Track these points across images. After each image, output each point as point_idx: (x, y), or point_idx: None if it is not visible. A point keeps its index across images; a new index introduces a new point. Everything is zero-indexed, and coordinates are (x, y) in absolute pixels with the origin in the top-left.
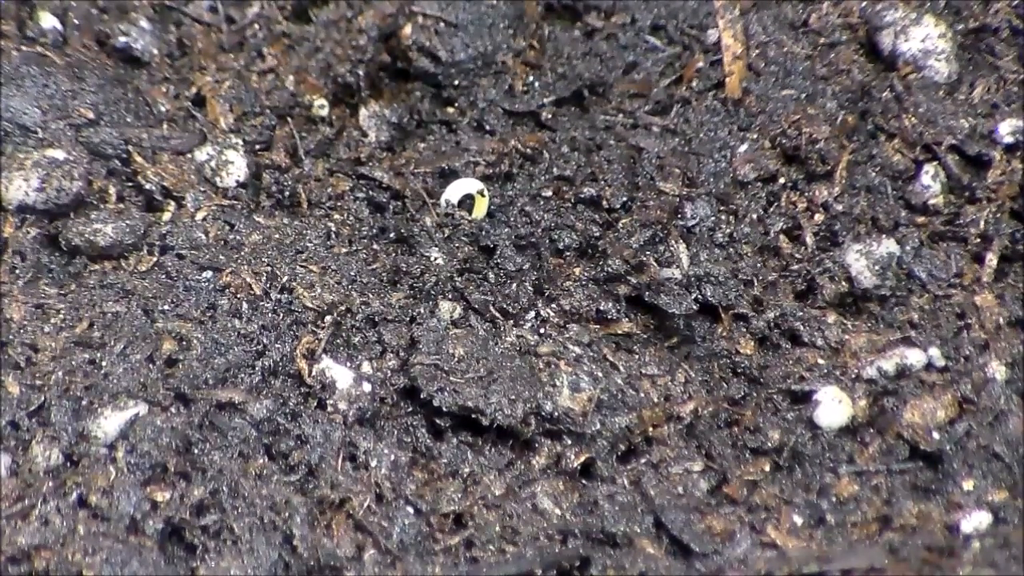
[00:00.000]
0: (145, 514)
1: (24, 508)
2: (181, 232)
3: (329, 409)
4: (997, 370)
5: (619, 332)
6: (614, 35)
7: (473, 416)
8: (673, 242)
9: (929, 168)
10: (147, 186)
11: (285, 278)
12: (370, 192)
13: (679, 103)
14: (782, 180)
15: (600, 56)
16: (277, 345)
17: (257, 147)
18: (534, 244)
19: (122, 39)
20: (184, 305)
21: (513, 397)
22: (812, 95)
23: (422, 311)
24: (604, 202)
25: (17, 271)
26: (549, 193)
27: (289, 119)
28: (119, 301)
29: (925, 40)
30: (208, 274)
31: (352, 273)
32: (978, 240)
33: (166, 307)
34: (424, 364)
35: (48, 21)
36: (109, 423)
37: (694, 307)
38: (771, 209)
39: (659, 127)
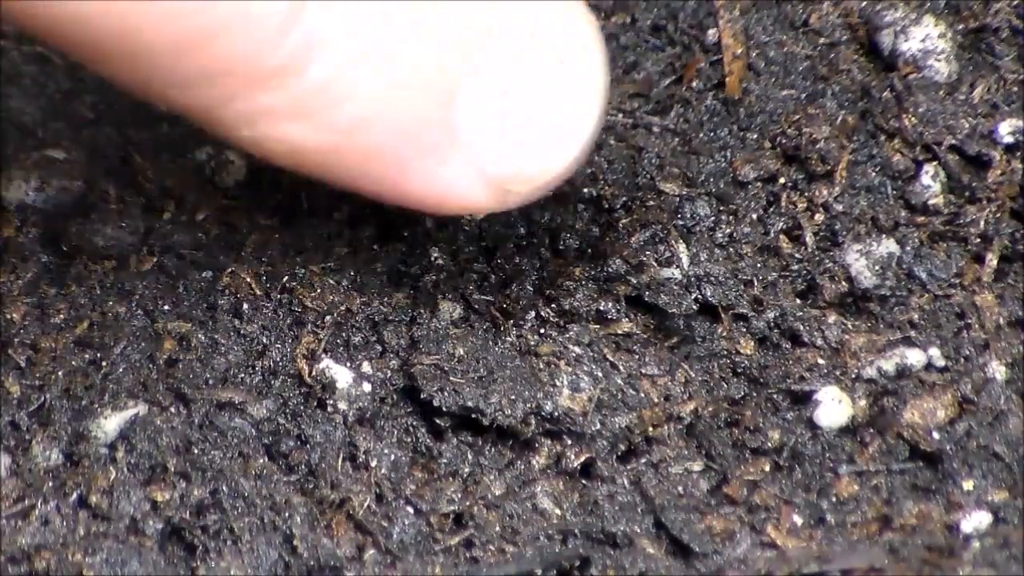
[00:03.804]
0: (145, 514)
1: (24, 508)
2: (181, 232)
3: (329, 409)
4: (997, 370)
5: (619, 332)
6: (614, 35)
7: (473, 416)
8: (673, 242)
9: (929, 168)
10: (147, 186)
11: (285, 278)
12: None
13: (679, 103)
14: (782, 180)
15: None
16: (277, 345)
17: None
18: (534, 244)
19: None
20: (184, 305)
21: (513, 397)
22: (812, 95)
23: (422, 311)
24: (604, 202)
25: (17, 271)
26: (549, 193)
27: None
28: (119, 301)
29: (925, 40)
30: (208, 274)
31: (352, 273)
32: (978, 240)
33: (166, 307)
34: (424, 364)
35: None
36: (109, 423)
37: (694, 307)
38: (771, 209)
39: (659, 127)
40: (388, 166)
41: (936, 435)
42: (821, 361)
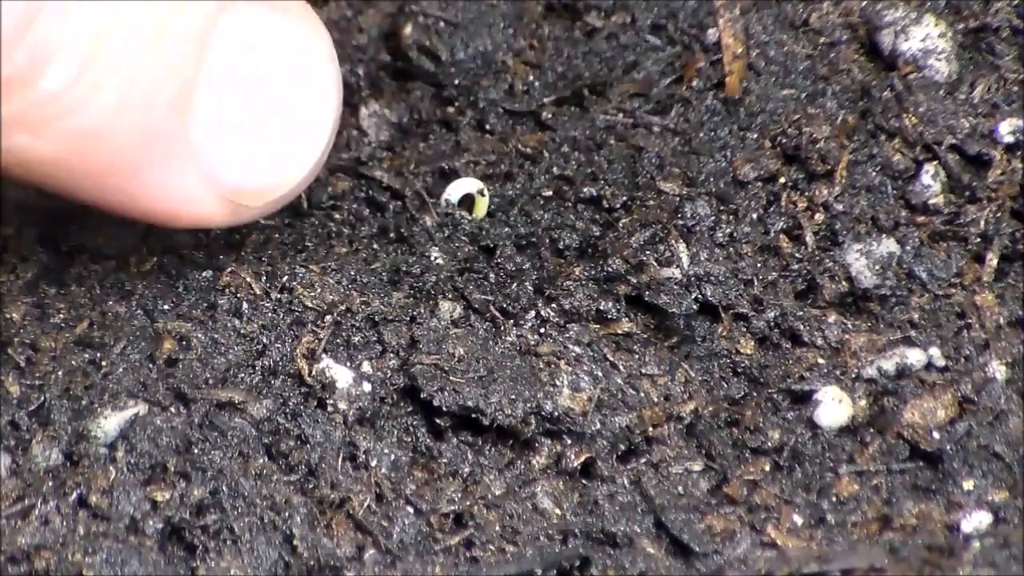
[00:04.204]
0: (145, 514)
1: (24, 508)
2: (181, 232)
3: (329, 409)
4: (997, 370)
5: (619, 332)
6: (614, 35)
7: (473, 416)
8: (673, 242)
9: (929, 168)
10: None
11: (285, 278)
12: (370, 192)
13: (679, 103)
14: (782, 180)
15: (600, 56)
16: (277, 345)
17: None
18: (534, 244)
19: None
20: (184, 305)
21: (513, 397)
22: (812, 95)
23: (422, 311)
24: (604, 202)
25: (17, 271)
26: (549, 193)
27: None
28: (119, 301)
29: (925, 39)
30: (208, 274)
31: (352, 273)
32: (978, 240)
33: (166, 307)
34: (424, 364)
35: None
36: (109, 423)
37: (694, 307)
38: (771, 209)
39: (659, 127)
40: (120, 178)
41: (936, 435)
42: (821, 361)
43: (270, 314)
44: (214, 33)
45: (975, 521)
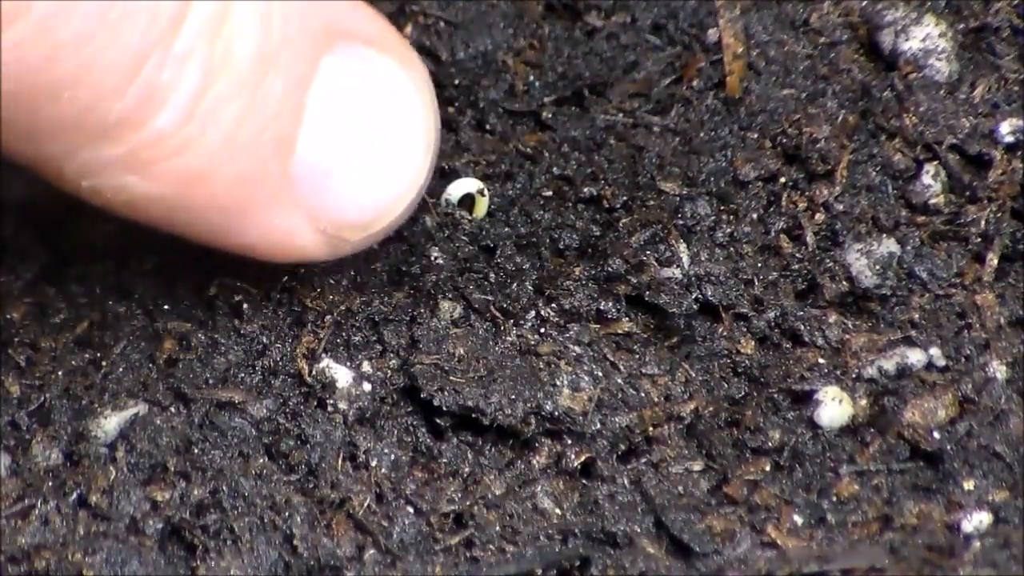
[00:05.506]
0: (145, 514)
1: (24, 508)
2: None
3: (329, 409)
4: (998, 370)
5: (619, 332)
6: (614, 35)
7: (473, 416)
8: (673, 242)
9: (930, 167)
10: None
11: (285, 278)
12: None
13: (679, 103)
14: (782, 179)
15: (600, 56)
16: (277, 345)
17: None
18: (534, 244)
19: None
20: (184, 305)
21: (513, 397)
22: (813, 94)
23: (422, 311)
24: (604, 202)
25: (17, 271)
26: (549, 193)
27: None
28: (119, 301)
29: (926, 39)
30: (208, 274)
31: (352, 273)
32: (979, 239)
33: (166, 307)
34: (424, 364)
35: None
36: (109, 423)
37: (694, 307)
38: (771, 209)
39: (659, 127)
40: (225, 216)
41: (937, 435)
42: (821, 361)
43: (270, 314)
44: (315, 74)
45: (975, 521)
